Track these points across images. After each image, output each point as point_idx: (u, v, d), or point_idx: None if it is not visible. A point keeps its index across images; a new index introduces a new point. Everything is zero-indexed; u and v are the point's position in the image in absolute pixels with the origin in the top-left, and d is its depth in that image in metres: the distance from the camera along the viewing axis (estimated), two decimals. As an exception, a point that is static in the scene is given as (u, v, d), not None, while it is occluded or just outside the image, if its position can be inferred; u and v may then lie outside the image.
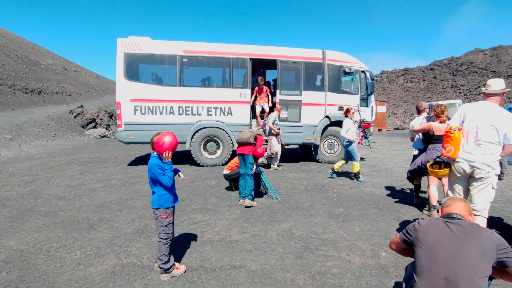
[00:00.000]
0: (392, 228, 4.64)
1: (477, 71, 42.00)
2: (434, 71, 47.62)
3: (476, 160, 3.42)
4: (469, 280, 1.91)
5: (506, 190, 6.77)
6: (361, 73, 10.41)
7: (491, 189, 3.40)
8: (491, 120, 3.39)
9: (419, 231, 2.18)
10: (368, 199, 6.20)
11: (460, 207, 2.23)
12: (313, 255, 3.77)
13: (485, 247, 1.97)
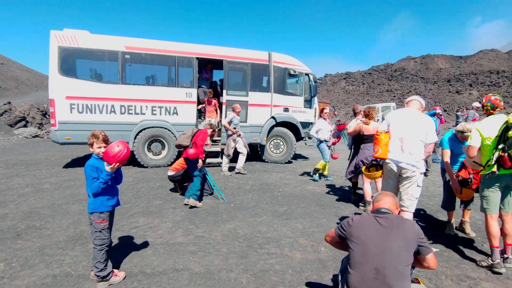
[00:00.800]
0: (332, 224, 4.90)
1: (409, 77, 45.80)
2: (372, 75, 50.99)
3: (403, 161, 3.77)
4: (395, 269, 2.11)
5: (430, 185, 7.51)
6: (305, 75, 10.82)
7: (416, 186, 3.77)
8: (414, 124, 3.79)
9: (352, 227, 2.35)
10: (310, 197, 6.47)
11: (388, 202, 2.44)
12: (256, 253, 3.85)
13: (408, 237, 2.19)
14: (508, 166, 3.29)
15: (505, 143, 3.30)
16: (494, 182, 3.50)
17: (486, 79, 32.39)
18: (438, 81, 39.33)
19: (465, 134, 4.31)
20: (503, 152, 3.32)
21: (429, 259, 2.26)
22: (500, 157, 3.35)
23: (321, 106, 25.67)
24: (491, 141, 3.50)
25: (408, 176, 3.75)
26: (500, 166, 3.37)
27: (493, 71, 34.04)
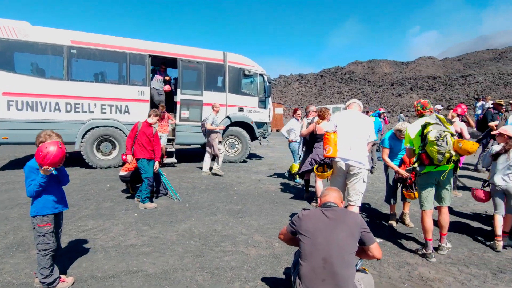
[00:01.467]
0: (285, 221, 5.07)
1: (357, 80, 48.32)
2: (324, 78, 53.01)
3: (351, 159, 4.03)
4: (341, 257, 2.27)
5: (376, 181, 8.05)
6: (260, 76, 11.01)
7: (362, 182, 4.05)
8: (358, 125, 4.10)
9: (302, 221, 2.49)
10: (265, 195, 6.63)
11: (334, 196, 2.62)
12: (212, 251, 3.88)
13: (352, 227, 2.37)
14: (427, 162, 3.64)
15: (423, 142, 3.66)
16: (426, 180, 3.84)
17: (425, 83, 35.17)
18: (383, 84, 41.98)
19: (403, 132, 4.71)
20: (422, 150, 3.67)
21: (373, 249, 2.44)
22: (419, 154, 3.71)
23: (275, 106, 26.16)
24: (414, 140, 3.87)
25: (355, 172, 4.01)
26: (421, 163, 3.72)
27: (430, 77, 37.14)
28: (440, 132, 3.51)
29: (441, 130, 3.55)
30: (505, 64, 36.55)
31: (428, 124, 3.61)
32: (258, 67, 11.09)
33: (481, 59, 43.03)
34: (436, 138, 3.48)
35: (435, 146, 3.49)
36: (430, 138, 3.50)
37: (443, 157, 3.52)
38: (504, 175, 4.17)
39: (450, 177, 3.86)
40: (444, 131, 3.55)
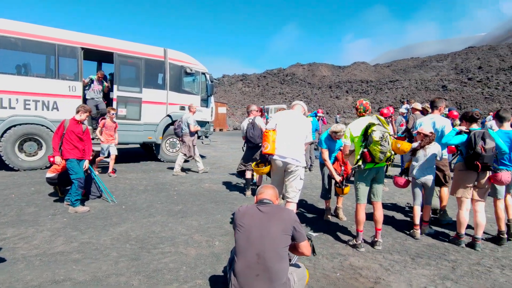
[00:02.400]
0: (226, 219, 5.09)
1: (298, 82, 50.13)
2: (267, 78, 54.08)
3: (288, 157, 4.17)
4: (274, 251, 2.34)
5: (313, 178, 8.44)
6: (202, 75, 10.89)
7: (299, 179, 4.21)
8: (297, 126, 4.24)
9: (238, 216, 2.53)
10: (206, 194, 6.58)
11: (269, 193, 2.68)
12: (150, 254, 3.75)
13: (285, 223, 2.44)
14: (369, 160, 3.96)
15: (366, 141, 3.97)
16: (363, 176, 4.15)
17: (359, 87, 37.70)
18: (322, 86, 44.16)
19: (338, 134, 5.01)
20: (365, 148, 3.98)
21: (303, 246, 2.53)
22: (362, 152, 4.01)
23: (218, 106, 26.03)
24: (358, 139, 4.15)
25: (292, 170, 4.16)
26: (364, 161, 4.03)
27: (363, 81, 39.96)
28: (383, 133, 3.81)
29: (384, 131, 3.85)
30: (426, 72, 40.72)
31: (372, 125, 3.88)
32: (200, 65, 10.95)
33: (406, 66, 47.37)
34: (380, 138, 3.76)
35: (378, 146, 3.77)
36: (375, 138, 3.76)
37: (384, 156, 3.84)
38: (422, 169, 4.66)
39: (383, 173, 4.23)
40: (385, 132, 3.87)
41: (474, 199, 4.26)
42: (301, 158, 4.20)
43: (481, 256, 4.00)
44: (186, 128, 8.35)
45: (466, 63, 38.42)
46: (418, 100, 26.28)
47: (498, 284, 3.33)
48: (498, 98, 25.07)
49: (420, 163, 4.68)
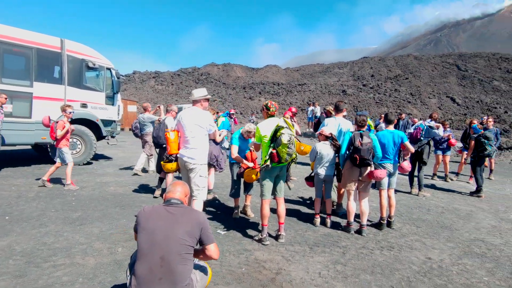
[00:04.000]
0: (132, 224, 4.81)
1: (213, 81, 50.09)
2: (181, 77, 52.77)
3: (186, 155, 4.26)
4: (178, 255, 2.30)
5: (225, 178, 8.56)
6: (107, 70, 10.11)
7: (199, 177, 4.26)
8: (195, 121, 4.27)
9: (142, 217, 2.41)
10: (111, 198, 6.15)
11: (178, 191, 2.59)
12: (39, 268, 3.35)
13: (192, 225, 2.41)
14: (276, 160, 4.21)
15: (275, 142, 4.21)
16: (269, 173, 4.38)
17: (271, 89, 39.41)
18: (236, 87, 44.94)
19: (251, 133, 5.21)
20: (274, 149, 4.22)
21: (210, 249, 2.48)
22: (271, 153, 4.24)
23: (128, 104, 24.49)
24: (267, 139, 4.37)
25: (191, 168, 4.22)
26: (272, 160, 4.26)
27: (275, 83, 41.95)
28: (290, 136, 4.09)
29: (290, 134, 4.13)
30: (330, 77, 44.68)
31: (280, 128, 4.12)
32: (105, 59, 10.15)
33: (313, 71, 51.30)
34: (288, 141, 4.04)
35: (286, 148, 4.05)
36: (284, 141, 4.02)
37: (290, 157, 4.16)
38: (323, 166, 5.15)
39: (285, 171, 4.56)
40: (292, 135, 4.16)
41: (360, 191, 4.91)
42: (198, 156, 4.25)
43: (366, 240, 4.60)
44: (149, 127, 8.22)
45: (362, 71, 43.36)
46: (323, 103, 28.70)
47: (378, 263, 3.87)
48: (386, 103, 28.94)
49: (321, 161, 5.17)
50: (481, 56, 40.87)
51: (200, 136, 4.27)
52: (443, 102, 28.91)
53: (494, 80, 33.14)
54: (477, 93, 30.38)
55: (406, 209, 6.26)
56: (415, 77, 36.22)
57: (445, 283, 3.47)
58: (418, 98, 29.96)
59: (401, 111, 24.34)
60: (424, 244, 4.53)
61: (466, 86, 32.76)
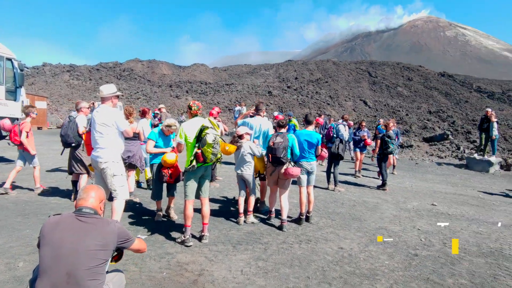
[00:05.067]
0: (37, 235, 4.34)
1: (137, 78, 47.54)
2: (101, 72, 49.00)
3: (93, 154, 4.11)
4: (88, 269, 2.10)
5: (149, 180, 8.19)
6: (7, 60, 8.89)
7: (113, 176, 4.06)
8: (103, 120, 4.07)
9: (47, 228, 2.17)
10: (11, 207, 5.44)
11: (91, 197, 2.37)
12: None
13: (106, 237, 2.22)
14: (201, 160, 4.17)
15: (200, 142, 4.17)
16: (193, 174, 4.33)
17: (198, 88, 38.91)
18: (162, 85, 43.31)
19: (171, 128, 5.07)
20: (198, 149, 4.17)
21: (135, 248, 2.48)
22: (196, 153, 4.19)
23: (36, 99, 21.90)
24: (191, 139, 4.30)
25: (103, 168, 4.04)
26: (197, 161, 4.21)
27: (203, 82, 41.53)
28: (215, 136, 4.09)
29: (215, 134, 4.13)
30: (256, 78, 45.83)
31: (205, 128, 4.09)
32: (4, 48, 8.91)
33: (240, 72, 52.05)
34: (213, 141, 4.03)
35: (211, 148, 4.03)
36: (208, 141, 4.00)
37: (215, 157, 4.15)
38: (240, 165, 5.27)
39: (210, 171, 4.57)
40: (217, 134, 4.15)
41: (279, 188, 5.17)
42: (107, 155, 4.08)
43: (286, 235, 4.84)
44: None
45: (287, 74, 45.40)
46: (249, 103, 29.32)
47: (296, 256, 4.11)
48: (308, 104, 30.76)
49: (238, 160, 5.30)
50: (388, 64, 45.97)
51: (109, 135, 4.08)
52: (357, 104, 31.81)
53: (398, 86, 37.59)
54: (385, 97, 34.11)
55: (323, 204, 6.74)
56: (334, 81, 39.22)
57: (354, 269, 3.83)
58: (336, 100, 32.48)
59: (321, 112, 26.13)
60: (337, 236, 4.94)
61: (376, 91, 36.56)
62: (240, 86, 38.16)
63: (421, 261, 4.15)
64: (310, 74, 43.54)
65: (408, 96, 34.58)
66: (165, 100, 36.43)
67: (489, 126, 12.20)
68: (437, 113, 28.41)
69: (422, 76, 41.68)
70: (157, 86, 43.31)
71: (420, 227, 5.54)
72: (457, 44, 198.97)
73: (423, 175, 11.42)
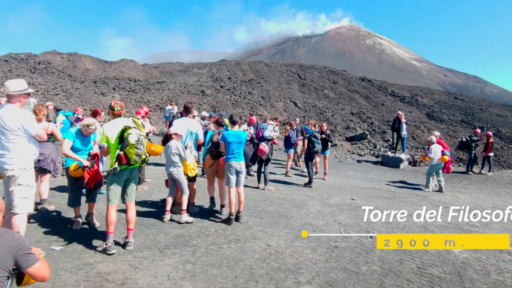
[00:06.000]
0: None
1: (55, 72, 43.15)
2: (10, 64, 43.41)
3: (2, 161, 3.53)
4: None
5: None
6: None
7: (18, 185, 3.58)
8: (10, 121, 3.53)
9: None
10: None
11: None
12: None
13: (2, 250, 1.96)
14: (124, 162, 3.95)
15: (122, 143, 3.95)
16: (117, 177, 4.08)
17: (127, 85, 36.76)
18: (85, 80, 39.94)
19: (90, 128, 4.71)
20: (121, 151, 3.95)
21: (34, 272, 2.03)
22: (118, 155, 3.96)
23: None
24: (113, 140, 4.04)
25: (8, 176, 3.56)
26: (120, 163, 3.98)
27: (131, 79, 39.35)
28: (139, 136, 3.90)
29: (139, 134, 3.94)
30: (189, 77, 44.89)
31: (128, 128, 3.88)
32: None
33: (173, 70, 50.48)
34: (136, 142, 3.84)
35: (134, 149, 3.85)
36: (131, 142, 3.81)
37: (140, 158, 3.97)
38: (170, 165, 5.20)
39: (137, 173, 4.35)
40: (141, 135, 3.94)
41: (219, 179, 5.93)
42: (15, 161, 3.58)
43: (216, 236, 4.85)
44: None
45: (220, 73, 45.33)
46: (182, 102, 28.64)
47: (225, 257, 4.14)
48: (241, 104, 31.10)
49: (167, 159, 5.32)
50: (315, 68, 48.70)
51: (17, 139, 3.58)
52: (288, 105, 33.13)
53: (325, 89, 40.11)
54: (313, 99, 36.12)
55: (253, 202, 6.89)
56: (266, 82, 40.30)
57: (280, 265, 4.00)
58: (268, 101, 33.42)
59: (254, 112, 26.65)
60: (265, 233, 5.09)
61: (305, 93, 38.52)
62: (172, 84, 37.01)
63: (340, 253, 4.50)
64: (243, 74, 44.09)
65: (334, 98, 37.12)
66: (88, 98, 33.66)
67: (400, 126, 13.68)
68: (358, 115, 30.97)
69: (346, 80, 45.03)
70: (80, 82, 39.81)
71: (340, 220, 5.99)
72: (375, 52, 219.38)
73: (345, 172, 12.36)
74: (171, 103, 18.44)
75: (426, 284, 3.75)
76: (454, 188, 10.48)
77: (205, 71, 48.26)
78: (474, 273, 4.08)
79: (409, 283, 3.74)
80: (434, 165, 9.37)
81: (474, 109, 36.59)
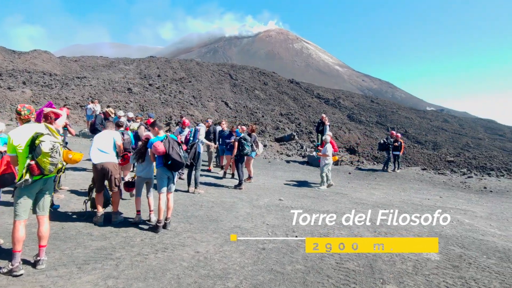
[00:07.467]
0: None
1: None
2: None
3: None
4: None
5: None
6: None
7: None
8: None
9: None
10: None
11: None
12: None
13: None
14: (37, 173, 3.56)
15: (33, 152, 3.55)
16: (28, 189, 3.66)
17: (40, 79, 33.03)
18: (-14, 72, 34.85)
19: None
20: (32, 160, 3.55)
21: None
22: (29, 165, 3.55)
23: None
24: (22, 148, 3.61)
25: None
26: (31, 174, 3.57)
27: (46, 73, 35.43)
28: (53, 144, 3.56)
29: (54, 141, 3.60)
30: (115, 73, 42.02)
31: (39, 135, 3.53)
32: None
33: (95, 64, 46.71)
34: (51, 150, 3.51)
35: (48, 158, 3.51)
36: (44, 150, 3.48)
37: (55, 167, 3.63)
38: None
39: (52, 183, 3.98)
40: (56, 142, 3.58)
41: None
42: None
43: (142, 246, 4.66)
44: None
45: (149, 70, 43.30)
46: (106, 100, 26.74)
47: (151, 267, 4.01)
48: (171, 104, 30.14)
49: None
50: (247, 69, 49.47)
51: None
52: (219, 105, 33.12)
53: (256, 89, 40.98)
54: (244, 99, 36.65)
55: (183, 207, 6.77)
56: (197, 81, 39.71)
57: (208, 272, 4.01)
58: (199, 101, 33.00)
59: (184, 112, 26.08)
60: (194, 240, 5.05)
61: (237, 93, 38.89)
62: (94, 80, 34.25)
63: (267, 254, 4.67)
64: (174, 72, 42.79)
65: (264, 99, 38.13)
66: (-9, 92, 29.43)
67: (323, 128, 14.63)
68: (287, 116, 32.31)
69: (275, 81, 46.62)
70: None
71: (268, 222, 6.22)
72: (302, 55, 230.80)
73: (274, 173, 12.81)
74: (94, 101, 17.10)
75: (343, 278, 4.10)
76: (369, 185, 11.58)
77: (132, 67, 45.72)
78: (383, 264, 4.58)
79: (329, 279, 4.05)
80: (328, 163, 10.15)
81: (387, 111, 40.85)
